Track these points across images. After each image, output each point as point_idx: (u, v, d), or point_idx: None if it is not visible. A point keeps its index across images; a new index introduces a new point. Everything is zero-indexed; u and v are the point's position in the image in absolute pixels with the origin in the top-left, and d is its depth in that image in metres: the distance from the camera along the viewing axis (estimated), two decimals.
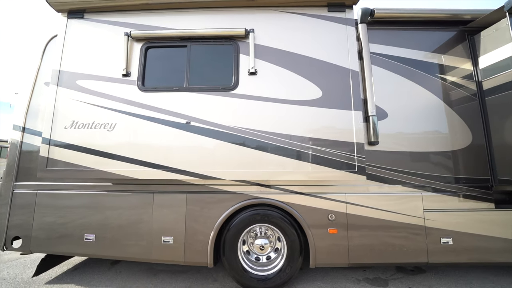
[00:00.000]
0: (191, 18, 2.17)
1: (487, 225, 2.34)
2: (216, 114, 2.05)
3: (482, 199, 2.38)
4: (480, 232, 2.32)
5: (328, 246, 2.29)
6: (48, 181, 2.29)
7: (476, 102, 2.54)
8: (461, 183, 2.40)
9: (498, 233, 2.32)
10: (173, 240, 2.30)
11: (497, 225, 2.33)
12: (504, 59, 2.31)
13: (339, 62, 2.10)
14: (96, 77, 2.14)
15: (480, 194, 2.39)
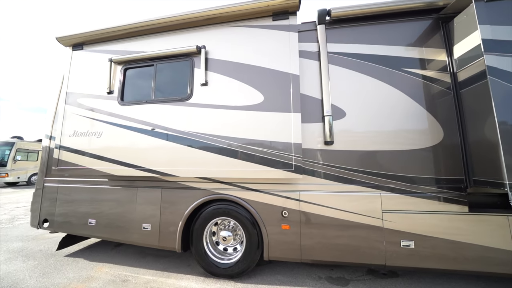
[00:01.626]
0: (157, 40, 2.58)
1: (458, 230, 2.14)
2: (174, 121, 2.41)
3: (454, 201, 2.18)
4: (450, 237, 2.14)
5: (280, 241, 2.42)
6: (62, 177, 2.99)
7: (449, 96, 2.32)
8: (430, 183, 2.24)
9: (472, 239, 2.10)
10: (150, 227, 2.75)
11: (470, 231, 2.11)
12: (475, 46, 2.08)
13: (281, 67, 2.22)
14: (90, 95, 2.73)
15: (451, 196, 2.19)
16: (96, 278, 2.53)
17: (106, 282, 2.45)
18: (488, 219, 2.11)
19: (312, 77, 2.60)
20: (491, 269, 2.07)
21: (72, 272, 2.66)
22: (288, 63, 2.21)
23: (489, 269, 2.08)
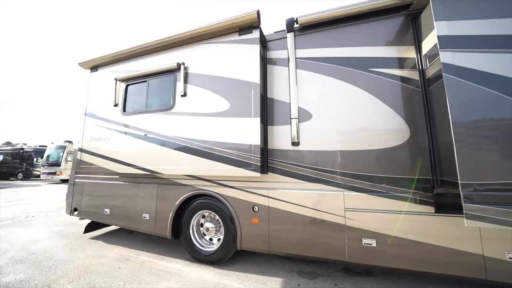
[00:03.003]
0: (149, 60, 3.07)
1: (424, 231, 2.11)
2: (162, 128, 2.86)
3: (420, 202, 2.15)
4: (415, 237, 2.12)
5: (251, 233, 2.66)
6: (86, 174, 3.72)
7: (417, 94, 2.27)
8: (394, 183, 2.23)
9: (438, 241, 2.05)
10: (149, 217, 3.25)
11: (436, 232, 2.06)
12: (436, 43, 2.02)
13: (244, 77, 2.47)
14: (102, 108, 3.37)
15: (417, 196, 2.16)
16: (107, 256, 3.13)
17: (113, 259, 3.03)
18: (455, 221, 2.03)
19: (282, 83, 2.79)
20: (458, 272, 1.99)
21: (91, 250, 3.33)
22: (250, 73, 2.45)
23: (456, 273, 2.00)
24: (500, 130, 1.72)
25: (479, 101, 1.78)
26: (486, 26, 1.84)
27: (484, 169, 1.72)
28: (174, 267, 2.86)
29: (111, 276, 2.60)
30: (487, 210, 1.70)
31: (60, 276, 2.61)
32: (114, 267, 2.83)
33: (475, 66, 1.82)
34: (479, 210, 1.71)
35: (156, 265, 2.91)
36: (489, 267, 1.92)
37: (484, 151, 1.73)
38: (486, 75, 1.79)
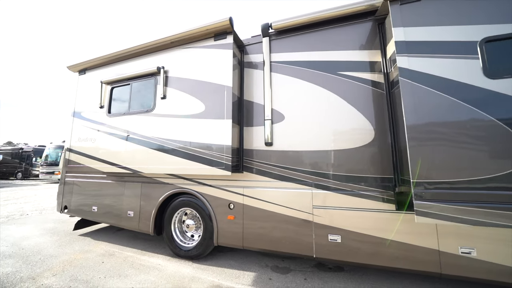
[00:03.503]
0: (133, 64, 3.20)
1: (385, 227, 2.20)
2: (143, 129, 2.98)
3: (383, 200, 2.25)
4: (377, 234, 2.22)
5: (227, 229, 2.78)
6: (74, 173, 3.85)
7: (382, 96, 2.37)
8: (359, 182, 2.34)
9: (398, 237, 2.15)
10: (133, 214, 3.38)
11: (397, 229, 2.16)
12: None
13: (218, 80, 2.59)
14: (90, 110, 3.51)
15: (380, 194, 2.26)
16: (93, 251, 3.26)
17: (98, 255, 3.16)
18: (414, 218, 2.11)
19: (258, 86, 2.91)
20: (416, 267, 2.09)
21: (78, 246, 3.46)
22: (224, 76, 2.57)
23: (414, 267, 2.10)
24: (449, 132, 1.82)
25: (431, 104, 1.88)
26: (439, 32, 1.94)
27: (433, 168, 1.82)
28: (155, 261, 2.98)
29: (93, 270, 2.73)
30: (435, 207, 1.80)
31: (45, 269, 2.74)
32: (98, 261, 2.97)
33: (428, 71, 1.92)
34: (428, 207, 1.81)
35: (138, 260, 3.03)
36: (444, 261, 2.01)
37: (433, 152, 1.83)
38: (437, 79, 1.89)
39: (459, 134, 1.80)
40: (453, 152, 1.80)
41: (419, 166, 1.85)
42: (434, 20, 1.97)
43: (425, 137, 1.87)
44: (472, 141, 1.77)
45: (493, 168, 1.70)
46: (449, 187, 1.78)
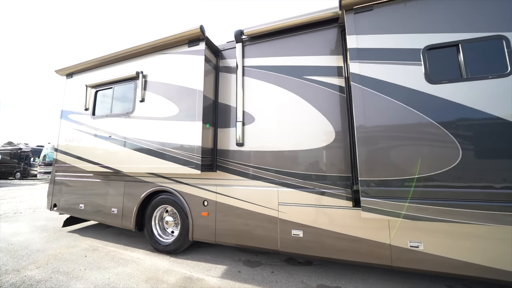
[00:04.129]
0: (115, 69, 3.36)
1: (343, 223, 2.34)
2: (123, 130, 3.14)
3: (341, 197, 2.39)
4: (335, 229, 2.36)
5: (201, 225, 2.93)
6: (63, 172, 4.03)
7: (343, 99, 2.50)
8: (320, 180, 2.48)
9: (353, 232, 2.29)
10: (117, 211, 3.54)
11: (354, 224, 2.30)
12: None
13: (191, 85, 2.74)
14: (76, 112, 3.68)
15: (339, 192, 2.40)
16: (78, 246, 3.43)
17: (82, 249, 3.33)
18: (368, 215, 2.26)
19: (232, 89, 3.06)
20: (370, 260, 2.23)
21: (65, 242, 3.63)
22: (196, 81, 2.72)
23: (369, 260, 2.24)
24: (393, 133, 1.96)
25: (378, 107, 2.02)
26: (387, 40, 2.08)
27: (378, 167, 1.96)
28: (134, 256, 3.14)
29: (75, 263, 2.90)
30: (379, 203, 1.94)
31: (30, 262, 2.91)
32: (81, 255, 3.13)
33: (376, 76, 2.06)
34: (373, 203, 1.96)
35: (119, 254, 3.20)
36: (394, 255, 2.15)
37: (378, 151, 1.97)
38: (385, 84, 2.03)
39: (402, 135, 1.94)
40: (396, 152, 1.94)
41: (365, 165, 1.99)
42: (383, 28, 2.11)
43: (371, 138, 2.01)
44: (413, 142, 1.91)
45: (431, 167, 1.84)
46: (391, 185, 1.92)
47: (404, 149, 1.92)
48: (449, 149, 1.80)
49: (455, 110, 1.82)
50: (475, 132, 1.77)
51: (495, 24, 1.81)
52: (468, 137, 1.78)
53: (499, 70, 1.77)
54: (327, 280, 2.49)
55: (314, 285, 2.40)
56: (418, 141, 1.89)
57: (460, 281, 2.41)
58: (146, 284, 2.44)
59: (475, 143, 1.77)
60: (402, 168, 1.90)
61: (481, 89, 1.79)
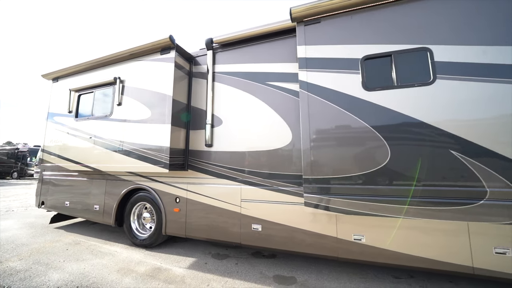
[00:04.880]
0: (96, 74, 3.57)
1: (296, 218, 2.54)
2: (103, 132, 3.36)
3: (294, 194, 2.57)
4: (290, 223, 2.56)
5: (173, 220, 3.14)
6: (49, 171, 4.25)
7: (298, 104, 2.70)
8: (277, 178, 2.67)
9: (306, 226, 2.49)
10: (99, 208, 3.76)
11: (304, 219, 2.49)
12: None
13: (162, 90, 2.95)
14: (60, 114, 3.90)
15: (292, 189, 2.59)
16: (61, 241, 3.65)
17: (65, 243, 3.54)
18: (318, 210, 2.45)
19: (203, 93, 3.26)
20: (321, 252, 2.43)
21: (50, 237, 3.85)
22: (166, 86, 2.93)
23: (320, 252, 2.43)
24: (332, 136, 2.16)
25: (320, 112, 2.22)
26: (332, 50, 2.28)
27: (318, 166, 2.16)
28: (113, 249, 3.35)
29: (56, 255, 3.11)
30: (318, 199, 2.14)
31: (14, 255, 3.13)
32: (63, 249, 3.35)
33: (320, 83, 2.26)
34: (313, 199, 2.16)
35: (99, 247, 3.41)
36: (341, 247, 2.35)
37: (319, 152, 2.18)
38: (327, 91, 2.23)
39: (340, 138, 2.14)
40: (334, 153, 2.14)
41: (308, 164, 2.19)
42: (329, 40, 2.31)
43: (314, 140, 2.21)
44: (349, 144, 2.11)
45: (364, 166, 2.04)
46: (330, 182, 2.12)
47: (342, 150, 2.12)
48: (380, 150, 2.00)
49: (386, 115, 2.02)
50: (402, 135, 1.97)
51: (421, 37, 2.01)
52: (396, 140, 1.98)
53: (424, 79, 1.97)
54: (284, 271, 2.69)
55: (271, 275, 2.61)
56: (354, 143, 2.09)
57: (406, 272, 2.61)
58: (117, 273, 2.65)
59: (402, 145, 1.96)
60: (339, 167, 2.10)
61: (409, 96, 1.98)
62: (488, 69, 1.81)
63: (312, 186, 2.16)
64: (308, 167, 2.19)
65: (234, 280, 2.49)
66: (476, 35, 1.88)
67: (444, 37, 1.95)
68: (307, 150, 2.21)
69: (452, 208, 1.79)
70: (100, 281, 2.47)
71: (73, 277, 2.56)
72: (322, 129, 2.20)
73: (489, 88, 1.80)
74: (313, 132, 2.21)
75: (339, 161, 2.11)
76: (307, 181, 2.18)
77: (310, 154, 2.20)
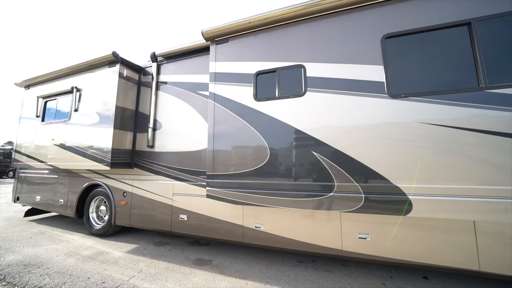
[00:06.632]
0: (60, 83, 4.05)
1: (214, 209, 2.95)
2: (63, 134, 3.82)
3: None
4: (208, 213, 2.97)
5: (120, 212, 3.59)
6: (23, 169, 4.73)
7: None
8: (200, 175, 3.09)
9: (221, 216, 2.90)
10: (63, 202, 4.22)
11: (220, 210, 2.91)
12: None
13: (109, 98, 3.40)
14: (30, 118, 4.38)
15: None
16: (29, 231, 4.12)
17: (31, 233, 4.01)
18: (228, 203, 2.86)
19: (148, 100, 3.70)
20: (232, 238, 2.84)
21: (21, 228, 4.33)
22: (111, 95, 3.38)
23: (232, 238, 2.84)
24: (229, 139, 2.58)
25: (222, 118, 2.64)
26: (234, 66, 2.70)
27: (217, 164, 2.58)
28: (71, 237, 3.81)
29: (19, 242, 3.57)
30: (217, 192, 2.56)
31: None
32: (27, 237, 3.81)
33: (223, 94, 2.68)
34: (213, 192, 2.58)
35: (60, 236, 3.87)
36: (245, 233, 2.76)
37: (220, 152, 2.59)
38: (228, 101, 2.65)
39: (235, 140, 2.56)
40: (230, 153, 2.56)
41: (211, 163, 2.61)
42: (233, 57, 2.73)
43: (215, 142, 2.63)
44: (241, 146, 2.52)
45: (251, 164, 2.45)
46: (226, 178, 2.54)
47: (235, 150, 2.54)
48: (263, 151, 2.41)
49: (269, 121, 2.43)
50: (279, 139, 2.37)
51: (299, 55, 2.41)
52: (274, 142, 2.39)
53: (298, 91, 2.38)
54: (207, 255, 3.11)
55: (193, 258, 3.03)
56: (245, 145, 2.50)
57: (309, 257, 3.00)
58: (64, 255, 3.10)
59: (279, 146, 2.37)
60: (233, 165, 2.52)
61: (286, 105, 2.39)
62: (346, 83, 2.21)
63: (213, 181, 2.58)
64: (211, 165, 2.61)
65: (159, 262, 2.92)
66: (338, 55, 2.28)
67: (314, 56, 2.35)
68: (211, 150, 2.63)
69: (311, 199, 2.19)
70: (46, 261, 2.92)
71: (25, 258, 3.01)
72: (222, 133, 2.62)
73: (344, 99, 2.20)
74: (216, 135, 2.64)
75: (233, 160, 2.53)
76: (209, 177, 2.60)
77: (212, 154, 2.62)
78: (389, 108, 2.03)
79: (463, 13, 1.96)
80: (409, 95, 2.00)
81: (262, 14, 2.49)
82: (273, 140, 2.39)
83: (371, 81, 2.11)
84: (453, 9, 1.99)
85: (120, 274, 2.61)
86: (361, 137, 2.08)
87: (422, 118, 1.95)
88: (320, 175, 2.19)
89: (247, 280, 2.48)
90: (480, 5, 1.93)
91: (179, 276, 2.57)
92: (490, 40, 1.88)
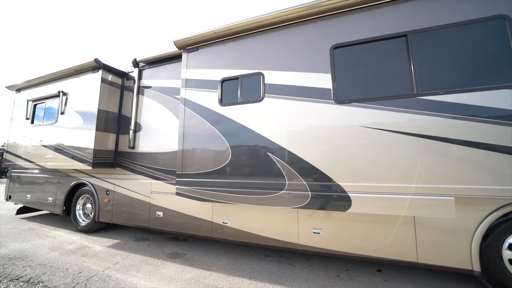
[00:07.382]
0: (48, 87, 4.27)
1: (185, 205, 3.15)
2: (50, 136, 4.05)
3: None
4: (181, 210, 3.18)
5: (104, 209, 3.80)
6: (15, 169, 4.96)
7: None
8: (174, 174, 3.29)
9: (193, 213, 3.10)
10: (51, 200, 4.45)
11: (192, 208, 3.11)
12: None
13: (92, 102, 3.62)
14: (20, 120, 4.61)
15: None
16: (19, 228, 4.34)
17: (21, 230, 4.23)
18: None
19: (130, 104, 3.92)
20: (202, 233, 3.04)
21: (11, 225, 4.55)
22: (94, 98, 3.60)
23: (202, 233, 3.05)
24: (196, 141, 2.78)
25: (191, 121, 2.84)
26: (202, 73, 2.90)
27: (186, 164, 2.78)
28: (57, 233, 4.03)
29: (8, 237, 3.79)
30: (184, 190, 2.76)
31: None
32: (17, 233, 4.03)
33: (192, 99, 2.89)
34: (182, 190, 2.78)
35: (47, 232, 4.09)
36: (214, 228, 2.96)
37: (189, 153, 2.79)
38: (196, 105, 2.85)
39: (203, 142, 2.76)
40: (197, 153, 2.76)
41: (180, 162, 2.81)
42: (202, 65, 2.93)
43: (185, 143, 2.83)
44: (207, 147, 2.73)
45: (215, 164, 2.65)
46: (193, 177, 2.74)
47: (202, 151, 2.74)
48: (225, 152, 2.61)
49: (231, 125, 2.63)
50: (240, 140, 2.57)
51: (258, 63, 2.61)
52: (236, 144, 2.59)
53: (257, 97, 2.57)
54: (181, 250, 3.32)
55: (168, 252, 3.24)
56: (210, 147, 2.71)
57: (277, 252, 3.20)
58: (48, 249, 3.31)
59: (239, 148, 2.57)
60: (199, 165, 2.72)
61: (246, 110, 2.59)
62: (298, 90, 2.41)
63: (182, 179, 2.78)
64: (180, 164, 2.81)
65: (135, 255, 3.13)
66: (292, 64, 2.47)
67: (272, 64, 2.55)
68: (180, 151, 2.84)
69: (265, 196, 2.39)
70: (30, 255, 3.14)
71: (11, 251, 3.23)
72: (191, 135, 2.82)
73: (296, 105, 2.39)
74: (185, 137, 2.84)
75: (200, 160, 2.73)
76: (178, 176, 2.81)
77: (182, 154, 2.82)
78: (335, 113, 2.23)
79: (400, 26, 2.15)
80: (352, 101, 2.20)
81: (225, 26, 2.70)
82: (235, 142, 2.59)
83: (320, 88, 2.31)
84: (392, 22, 2.19)
85: (97, 265, 2.82)
86: (310, 140, 2.28)
87: (363, 123, 2.14)
88: (274, 174, 2.38)
89: (212, 271, 2.68)
90: (416, 19, 2.12)
91: (151, 267, 2.78)
92: (423, 51, 2.07)
